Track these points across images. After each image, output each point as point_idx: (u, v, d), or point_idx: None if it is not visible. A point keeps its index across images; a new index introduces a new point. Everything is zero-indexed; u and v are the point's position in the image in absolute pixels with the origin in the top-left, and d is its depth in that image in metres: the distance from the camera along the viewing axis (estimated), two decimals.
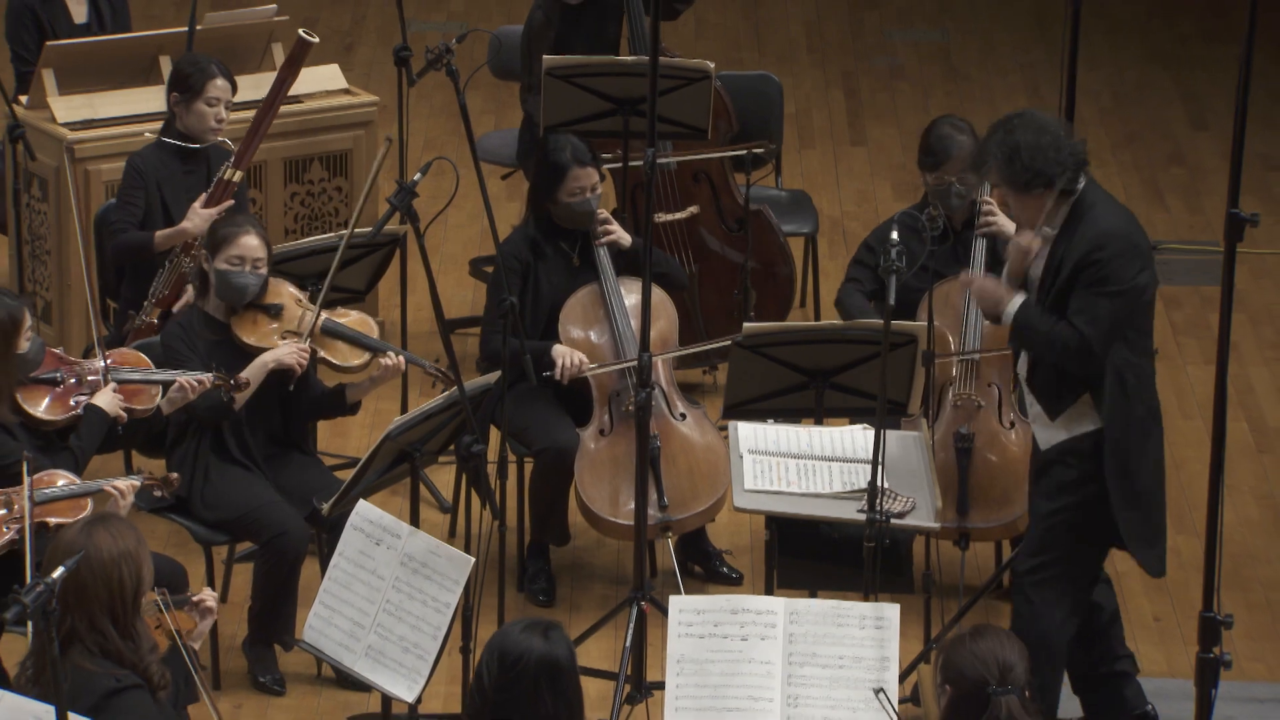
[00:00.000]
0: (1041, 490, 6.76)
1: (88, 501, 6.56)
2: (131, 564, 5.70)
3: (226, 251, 7.32)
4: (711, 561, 7.92)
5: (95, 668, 5.67)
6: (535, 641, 5.44)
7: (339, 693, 7.29)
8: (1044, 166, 6.54)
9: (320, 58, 10.10)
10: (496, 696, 5.43)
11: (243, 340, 7.38)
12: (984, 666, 5.39)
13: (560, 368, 7.61)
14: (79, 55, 8.78)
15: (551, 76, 8.41)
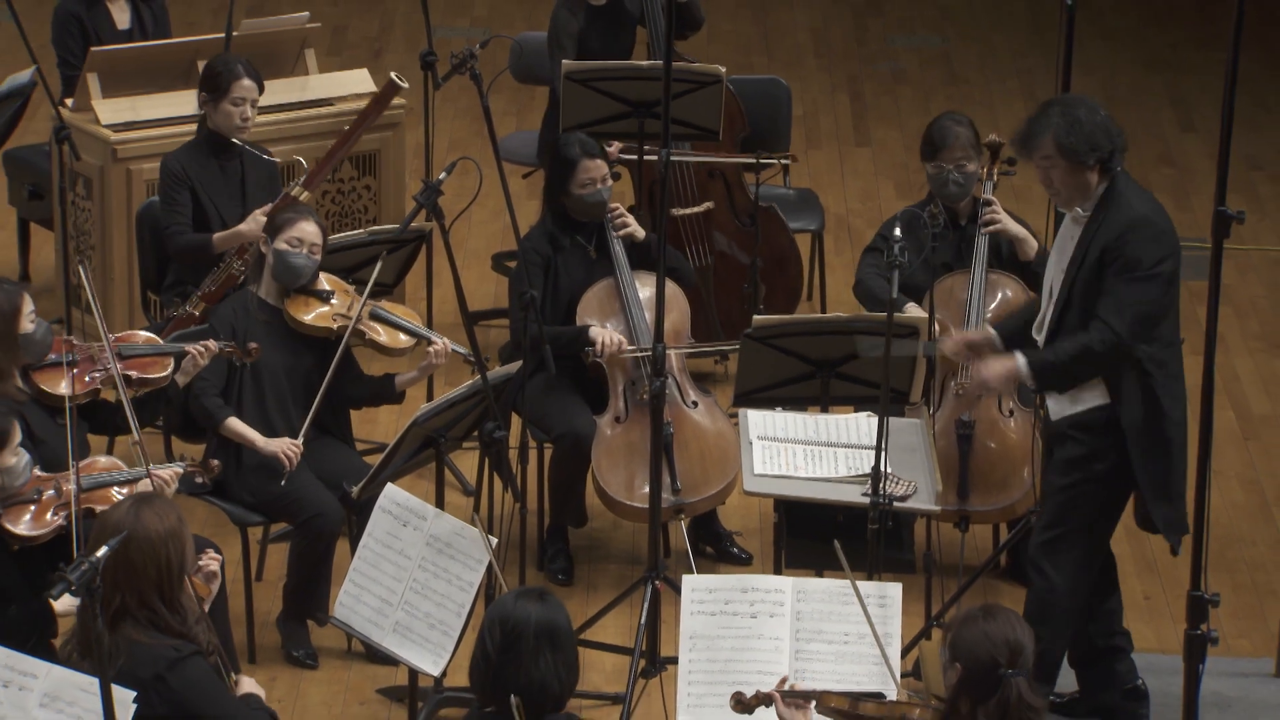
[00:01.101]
0: (1055, 466, 6.72)
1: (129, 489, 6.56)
2: (177, 542, 5.70)
3: (287, 233, 7.33)
4: (722, 542, 7.92)
5: (150, 640, 5.67)
6: (533, 607, 5.44)
7: (368, 666, 7.29)
8: (1101, 140, 6.50)
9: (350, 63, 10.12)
10: (500, 659, 5.43)
11: (295, 319, 7.37)
12: (995, 648, 5.34)
13: (601, 345, 7.60)
14: (122, 60, 8.78)
15: (570, 81, 8.41)
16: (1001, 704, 5.33)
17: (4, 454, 6.26)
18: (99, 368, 6.92)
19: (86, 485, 6.45)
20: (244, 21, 9.07)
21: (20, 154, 9.22)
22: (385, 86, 8.47)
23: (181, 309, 7.97)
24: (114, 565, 5.65)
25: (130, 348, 7.02)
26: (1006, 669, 5.33)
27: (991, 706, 5.34)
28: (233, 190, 8.11)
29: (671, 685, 6.20)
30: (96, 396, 6.92)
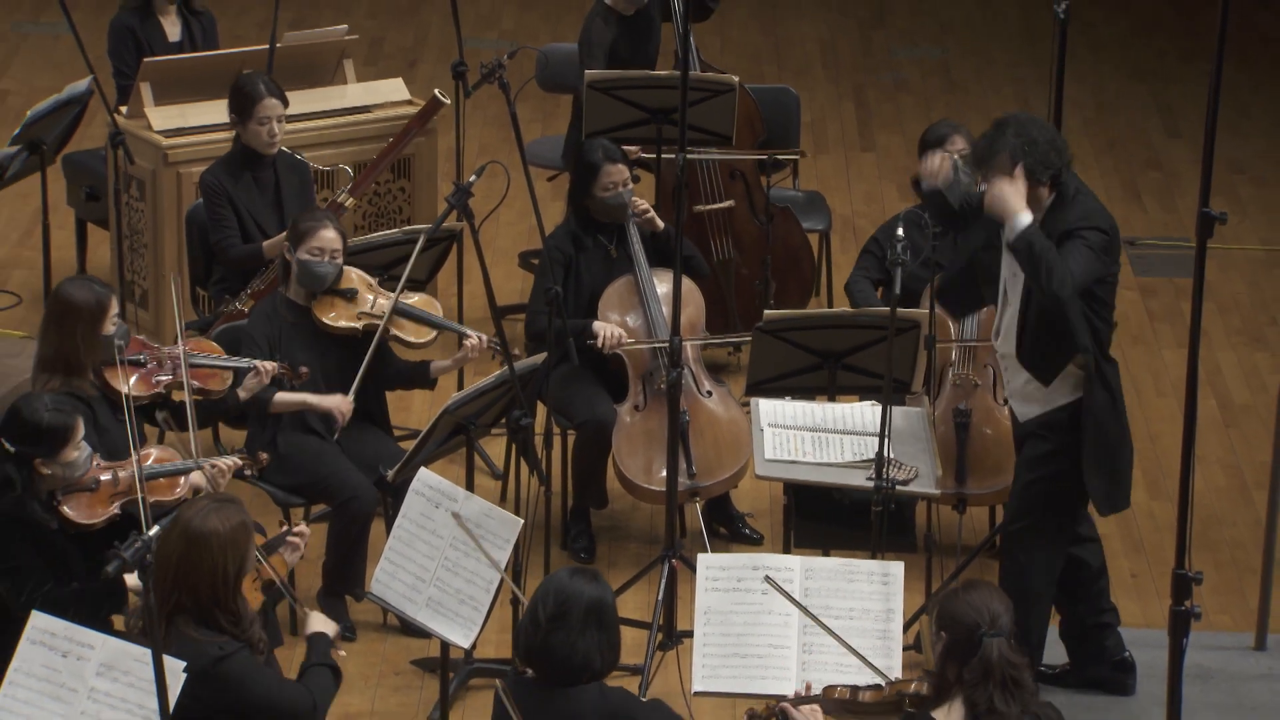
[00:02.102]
0: (1023, 461, 6.77)
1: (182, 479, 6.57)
2: (235, 550, 5.69)
3: (308, 243, 7.34)
4: (735, 524, 7.92)
5: (200, 636, 5.68)
6: (586, 585, 5.50)
7: (403, 639, 7.30)
8: (1053, 159, 6.50)
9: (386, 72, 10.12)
10: (549, 628, 5.47)
11: (322, 321, 7.39)
12: (976, 614, 5.41)
13: (602, 339, 7.61)
14: (173, 70, 8.79)
15: (593, 89, 8.42)
16: (984, 663, 5.37)
17: (66, 449, 6.27)
18: (165, 372, 6.94)
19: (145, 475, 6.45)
20: (286, 34, 9.08)
21: (78, 158, 9.23)
22: (429, 102, 8.51)
23: (232, 305, 7.99)
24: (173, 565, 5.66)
25: (198, 357, 7.03)
26: (986, 631, 5.36)
27: (975, 666, 5.37)
28: (268, 199, 8.12)
29: (687, 657, 6.20)
30: (159, 398, 6.94)
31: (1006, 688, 5.37)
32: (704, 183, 8.77)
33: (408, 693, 7.12)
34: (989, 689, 5.36)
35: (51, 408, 6.25)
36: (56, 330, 6.78)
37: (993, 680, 5.37)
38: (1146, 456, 8.44)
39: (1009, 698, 5.37)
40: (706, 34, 9.18)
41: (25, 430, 6.23)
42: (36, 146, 8.20)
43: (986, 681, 5.37)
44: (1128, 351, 9.22)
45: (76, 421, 6.29)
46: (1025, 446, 6.75)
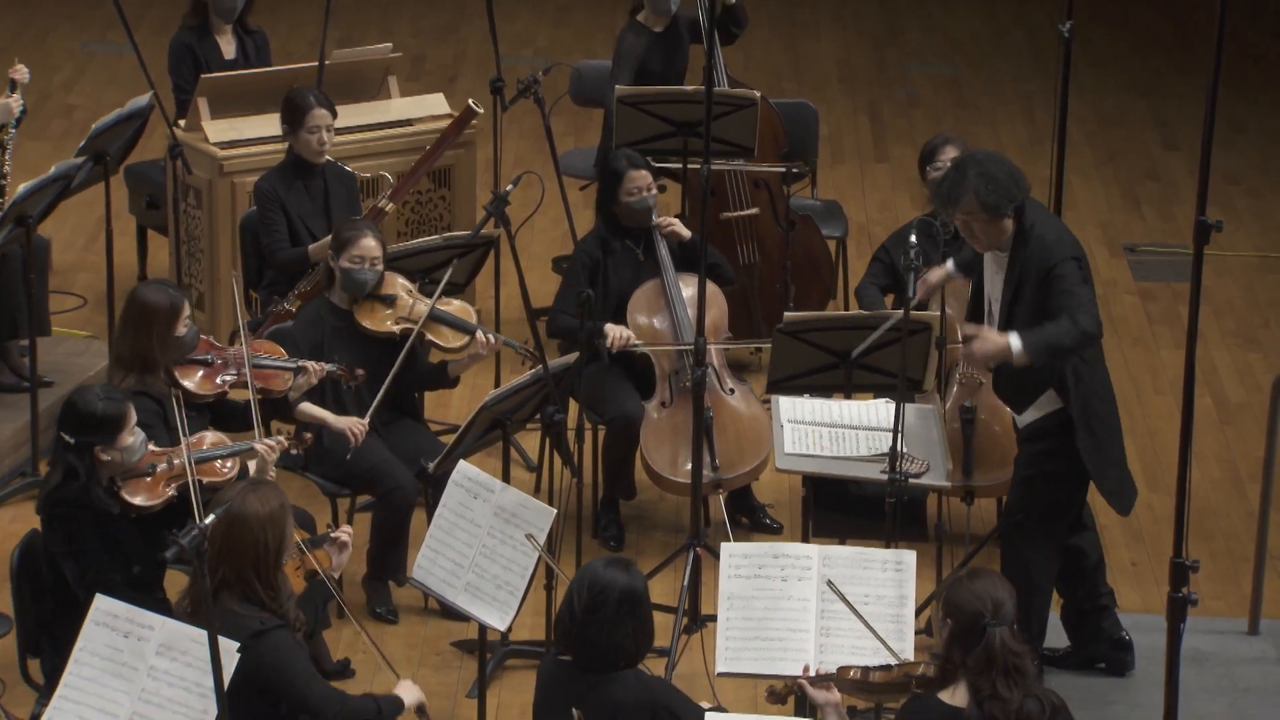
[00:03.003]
0: (1022, 459, 6.77)
1: (235, 461, 6.59)
2: (275, 528, 5.72)
3: (350, 251, 7.34)
4: (756, 514, 7.91)
5: (243, 611, 5.69)
6: (619, 575, 5.49)
7: (443, 622, 7.30)
8: (1014, 191, 6.51)
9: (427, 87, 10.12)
10: (584, 618, 5.46)
11: (363, 325, 7.40)
12: (980, 603, 5.39)
13: (610, 340, 7.61)
14: (228, 86, 8.81)
15: (622, 104, 8.41)
16: (987, 651, 5.36)
17: (122, 434, 6.29)
18: (230, 372, 6.97)
19: (196, 459, 6.47)
20: (335, 51, 9.09)
21: (139, 168, 9.25)
22: (464, 112, 8.50)
23: (280, 305, 8.00)
24: (219, 542, 5.68)
25: (260, 358, 7.06)
26: (989, 620, 5.34)
27: (979, 654, 5.36)
28: (317, 206, 8.12)
29: (711, 640, 6.20)
30: (224, 396, 6.96)
31: (1009, 674, 5.35)
32: (731, 191, 8.77)
33: (447, 672, 7.12)
34: (992, 675, 5.35)
35: (103, 397, 6.29)
36: (134, 331, 6.81)
37: (995, 668, 5.35)
38: (1146, 451, 8.42)
39: (1011, 684, 5.35)
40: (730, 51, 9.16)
41: (82, 420, 6.26)
42: (101, 157, 8.21)
43: (990, 669, 5.35)
44: (1128, 352, 9.20)
45: (128, 408, 6.31)
46: (1023, 444, 6.76)
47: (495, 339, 7.47)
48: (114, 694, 5.56)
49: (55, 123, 10.98)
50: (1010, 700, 5.34)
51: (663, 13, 8.82)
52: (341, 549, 6.20)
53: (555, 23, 12.68)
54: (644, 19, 8.90)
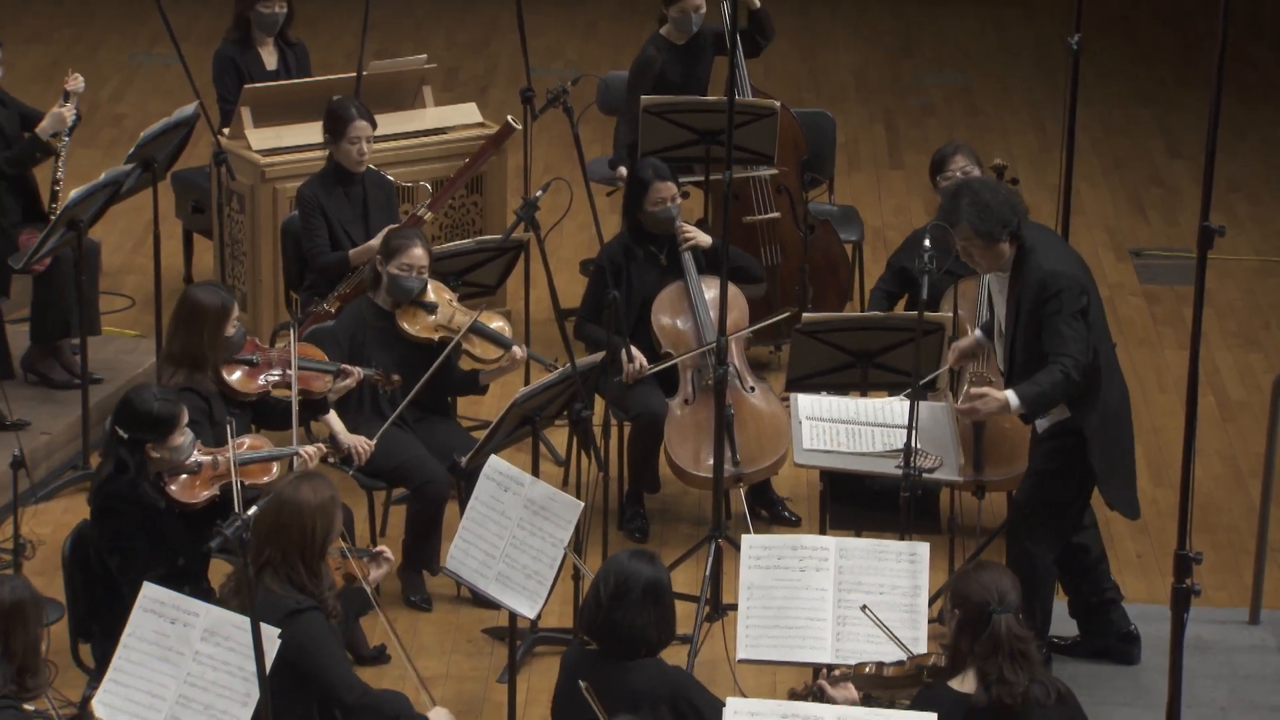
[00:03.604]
0: (1037, 455, 6.75)
1: (274, 465, 6.60)
2: (324, 518, 5.74)
3: (399, 259, 7.35)
4: (775, 507, 7.90)
5: (282, 591, 5.71)
6: (644, 566, 5.49)
7: (474, 610, 7.31)
8: (1008, 216, 6.50)
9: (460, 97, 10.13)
10: (610, 606, 5.46)
11: (404, 329, 7.41)
12: (986, 592, 5.41)
13: (626, 373, 7.61)
14: (270, 96, 8.82)
15: (648, 113, 8.41)
16: (993, 637, 5.38)
17: (174, 435, 6.31)
18: (274, 372, 6.98)
19: (241, 460, 6.49)
20: (372, 63, 9.10)
21: (185, 175, 9.27)
22: (502, 127, 8.54)
23: (320, 306, 8.01)
24: (268, 523, 5.70)
25: (303, 361, 7.07)
26: (995, 607, 5.35)
27: (986, 640, 5.37)
28: (356, 212, 8.13)
29: (732, 628, 6.20)
30: (267, 395, 6.98)
31: (1015, 659, 5.37)
32: (755, 196, 8.76)
33: (479, 658, 7.13)
34: (999, 660, 5.36)
35: (160, 398, 6.30)
36: (185, 330, 6.83)
37: (1002, 653, 5.36)
38: (1150, 448, 8.39)
39: (1017, 668, 5.37)
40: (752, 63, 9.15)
41: (137, 418, 6.28)
42: (149, 164, 8.23)
43: (996, 654, 5.37)
44: (1134, 353, 9.17)
45: (182, 410, 6.33)
46: (1040, 444, 6.74)
47: (525, 352, 7.50)
48: (161, 677, 5.58)
49: (105, 131, 11.01)
50: (1016, 684, 5.35)
51: (684, 30, 8.83)
52: (382, 564, 6.22)
53: (583, 36, 12.69)
54: (667, 33, 8.90)
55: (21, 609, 5.31)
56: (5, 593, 5.31)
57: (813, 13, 13.11)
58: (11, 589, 5.32)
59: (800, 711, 5.36)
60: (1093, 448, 6.56)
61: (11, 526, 7.00)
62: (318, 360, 7.14)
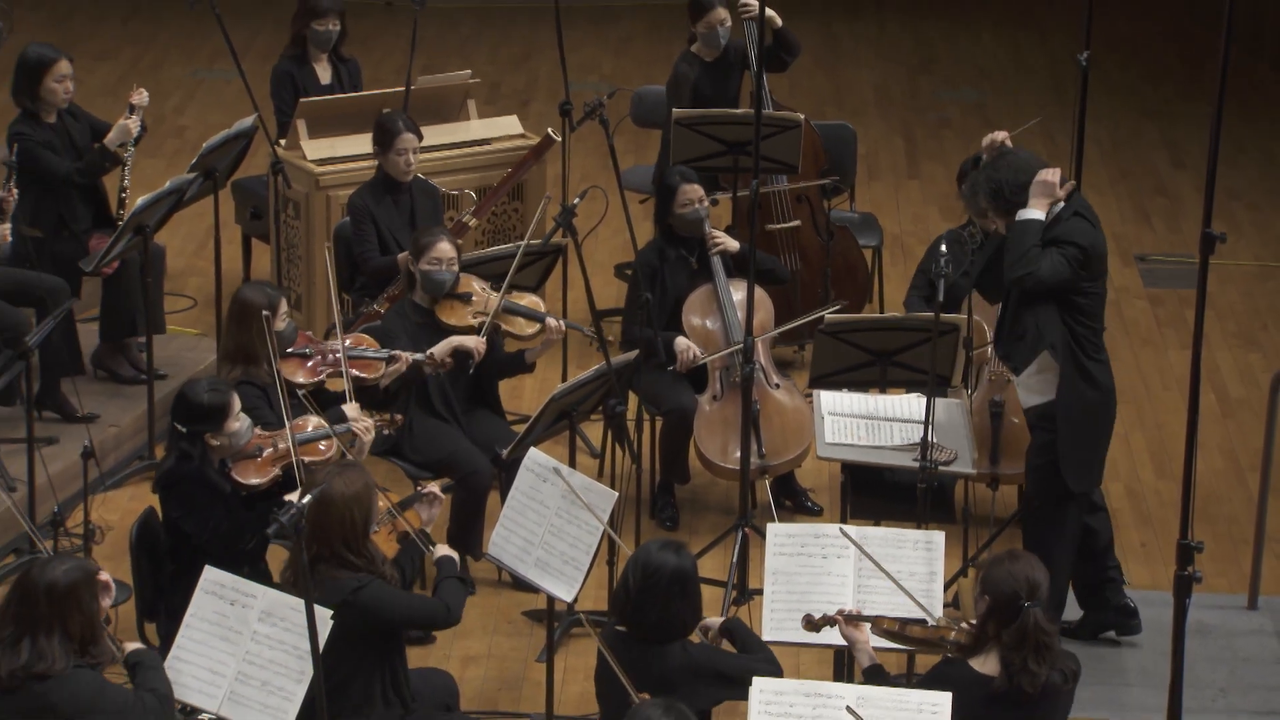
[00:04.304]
0: (1031, 449, 6.75)
1: (334, 442, 6.61)
2: (361, 505, 5.75)
3: (428, 255, 7.37)
4: (799, 497, 7.90)
5: (339, 575, 5.73)
6: (670, 557, 5.48)
7: (515, 593, 7.32)
8: (1024, 197, 6.48)
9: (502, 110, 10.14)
10: (638, 596, 5.46)
11: (444, 322, 7.42)
12: (1017, 583, 5.35)
13: (680, 362, 7.61)
14: (324, 108, 8.84)
15: (679, 125, 8.41)
16: (1021, 629, 5.33)
17: (228, 421, 6.33)
18: (327, 363, 7.00)
19: (299, 440, 6.51)
20: (420, 78, 9.12)
21: (244, 183, 9.30)
22: (543, 139, 8.55)
23: (370, 306, 8.03)
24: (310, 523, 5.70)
25: (355, 350, 7.09)
26: (1026, 600, 5.31)
27: (1014, 631, 5.33)
28: (404, 219, 8.15)
29: (758, 612, 6.19)
30: (321, 384, 7.00)
31: (1039, 651, 5.33)
32: (775, 206, 8.75)
33: (519, 638, 7.14)
34: (1024, 652, 5.33)
35: (209, 389, 6.32)
36: (237, 326, 6.86)
37: (1028, 645, 5.33)
38: (1154, 442, 8.37)
39: (1040, 660, 5.33)
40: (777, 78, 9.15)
41: (191, 411, 6.30)
42: (210, 173, 8.26)
43: (1023, 645, 5.33)
44: (1139, 353, 9.14)
45: (232, 398, 6.35)
46: (1033, 434, 6.72)
47: (562, 324, 7.49)
48: (221, 655, 5.60)
49: (169, 142, 11.05)
50: (1038, 674, 5.33)
51: (713, 46, 8.82)
52: (432, 502, 6.20)
53: (617, 52, 12.69)
54: (697, 50, 8.90)
55: (75, 591, 5.29)
56: (60, 576, 5.29)
57: (836, 31, 13.09)
58: (65, 572, 5.30)
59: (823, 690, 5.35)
60: (1061, 426, 6.53)
61: (82, 513, 7.04)
62: (369, 348, 7.16)
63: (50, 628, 5.24)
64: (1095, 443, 6.65)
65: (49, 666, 5.23)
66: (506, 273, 7.78)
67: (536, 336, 7.49)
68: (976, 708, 5.34)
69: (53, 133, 8.20)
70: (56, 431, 7.89)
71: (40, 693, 5.23)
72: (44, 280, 7.96)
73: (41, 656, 5.22)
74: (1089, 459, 6.65)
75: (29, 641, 5.23)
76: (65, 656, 5.26)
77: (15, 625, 5.25)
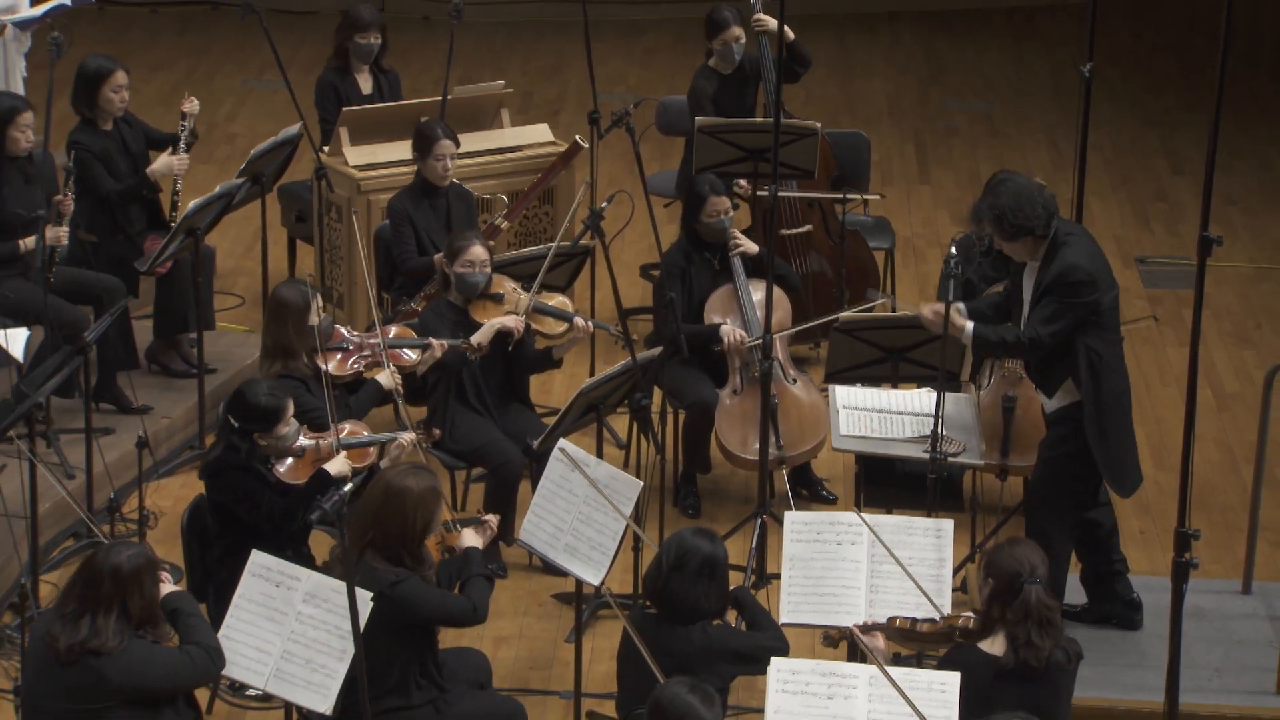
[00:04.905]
0: (1045, 440, 6.72)
1: (373, 450, 6.62)
2: (424, 509, 5.74)
3: (462, 258, 7.38)
4: (815, 487, 7.89)
5: (382, 567, 5.73)
6: (703, 543, 5.50)
7: (545, 577, 7.32)
8: (1024, 221, 6.47)
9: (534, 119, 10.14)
10: (669, 575, 5.48)
11: (478, 321, 7.42)
12: (1018, 564, 5.39)
13: (728, 342, 7.60)
14: (365, 117, 8.85)
15: (702, 133, 8.40)
16: (1023, 605, 5.36)
17: (280, 426, 6.35)
18: (365, 354, 7.01)
19: (343, 444, 6.52)
20: (456, 88, 9.12)
21: (290, 188, 9.32)
22: (571, 146, 8.55)
23: (408, 304, 8.04)
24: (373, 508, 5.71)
25: (391, 340, 7.11)
26: (1027, 578, 5.34)
27: (1017, 608, 5.36)
28: (441, 222, 8.16)
29: (775, 595, 6.19)
30: (360, 376, 7.02)
31: (1042, 626, 5.36)
32: (788, 211, 8.74)
33: (548, 620, 7.14)
34: (1028, 627, 5.35)
35: (267, 393, 6.33)
36: (275, 324, 6.88)
37: (1031, 620, 5.35)
38: (1153, 435, 8.34)
39: (1043, 634, 5.36)
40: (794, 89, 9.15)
41: (248, 410, 6.32)
42: (258, 178, 8.28)
43: (1026, 621, 5.35)
44: (1139, 350, 9.11)
45: (288, 403, 6.36)
46: (1049, 427, 6.70)
47: (590, 323, 7.49)
48: (267, 634, 5.61)
49: (220, 149, 11.08)
50: (1042, 648, 5.35)
51: (729, 61, 8.82)
52: (484, 531, 6.21)
53: (643, 64, 12.68)
54: (714, 64, 8.89)
55: (138, 575, 5.34)
56: (124, 561, 5.33)
57: (850, 44, 13.06)
58: (129, 558, 5.34)
59: (837, 670, 5.35)
60: (1090, 430, 6.52)
61: (137, 499, 7.07)
62: (405, 338, 7.17)
63: (110, 607, 5.28)
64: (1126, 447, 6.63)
65: (103, 643, 5.26)
66: (537, 273, 7.79)
67: (564, 335, 7.49)
68: (986, 686, 5.36)
69: (109, 140, 8.23)
70: (113, 422, 7.92)
71: (95, 667, 5.26)
72: (101, 280, 8.00)
73: (98, 633, 5.26)
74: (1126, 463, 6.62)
75: (89, 619, 5.26)
76: (120, 635, 5.29)
77: (79, 603, 5.30)
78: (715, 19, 8.78)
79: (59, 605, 5.37)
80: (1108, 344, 6.57)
